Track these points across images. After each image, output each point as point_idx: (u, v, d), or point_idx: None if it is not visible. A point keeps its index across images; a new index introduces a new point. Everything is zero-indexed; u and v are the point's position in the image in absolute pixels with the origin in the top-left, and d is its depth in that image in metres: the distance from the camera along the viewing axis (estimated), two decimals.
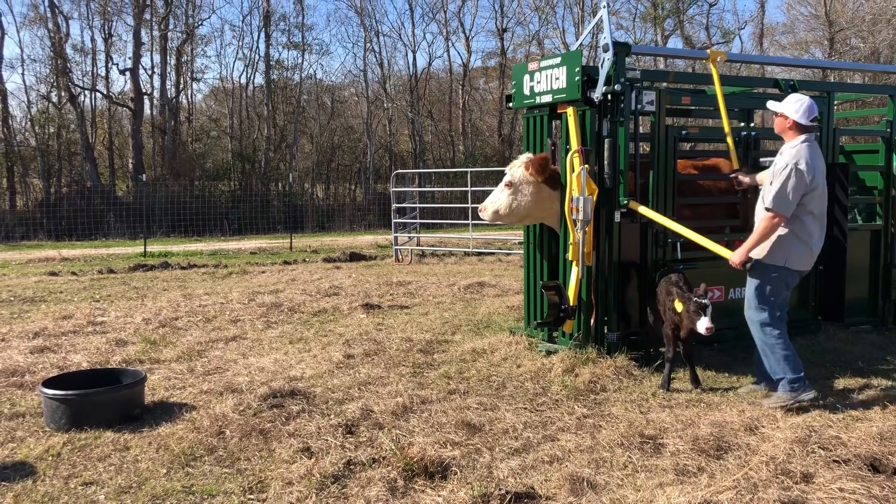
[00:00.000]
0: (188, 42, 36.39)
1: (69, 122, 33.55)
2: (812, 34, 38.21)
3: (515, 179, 7.07)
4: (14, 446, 4.90)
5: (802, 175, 5.33)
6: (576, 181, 6.54)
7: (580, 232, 6.54)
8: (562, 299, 6.77)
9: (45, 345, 7.75)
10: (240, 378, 6.41)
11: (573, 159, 6.61)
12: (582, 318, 6.86)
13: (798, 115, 5.50)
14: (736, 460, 4.43)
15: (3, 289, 12.07)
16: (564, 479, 4.14)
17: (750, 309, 5.72)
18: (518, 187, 7.08)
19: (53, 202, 28.88)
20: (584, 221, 6.49)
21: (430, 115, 42.04)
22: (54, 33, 32.56)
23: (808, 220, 5.50)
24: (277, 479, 4.26)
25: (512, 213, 7.21)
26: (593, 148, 6.71)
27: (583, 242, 6.55)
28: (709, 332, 5.53)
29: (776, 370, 5.56)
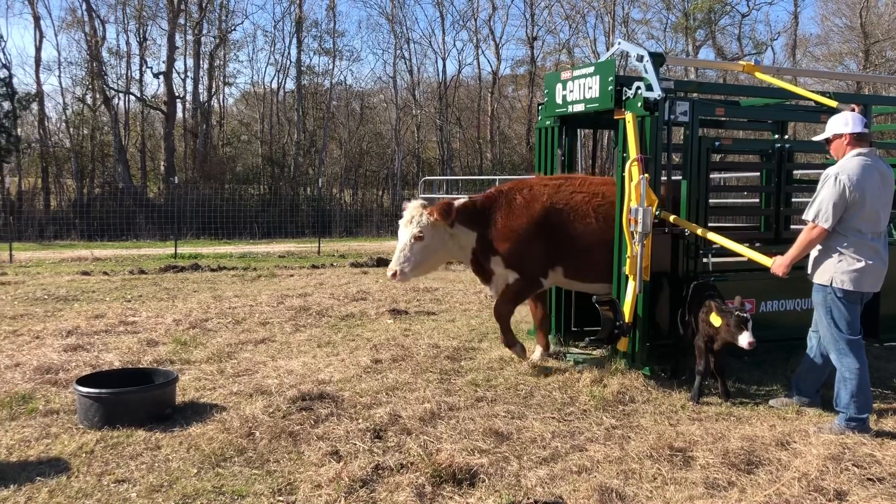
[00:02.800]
0: (221, 47, 36.82)
1: (103, 125, 34.08)
2: (847, 46, 37.77)
3: (425, 230, 6.64)
4: (49, 442, 4.98)
5: (844, 187, 5.13)
6: (634, 191, 6.27)
7: (638, 245, 6.28)
8: (616, 315, 6.55)
9: (78, 343, 7.86)
10: (269, 380, 6.47)
11: (631, 168, 6.37)
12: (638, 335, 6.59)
13: (849, 127, 5.32)
14: (767, 475, 4.38)
15: (37, 287, 12.27)
16: (593, 489, 4.13)
17: (825, 333, 5.46)
18: (430, 237, 6.68)
19: (86, 203, 29.29)
20: (642, 234, 6.23)
21: (458, 123, 42.12)
22: (91, 37, 33.10)
23: (854, 238, 5.22)
24: (306, 481, 4.29)
25: (430, 264, 7.01)
26: (653, 156, 6.53)
27: (641, 256, 6.30)
28: (751, 347, 5.47)
29: (842, 402, 5.30)
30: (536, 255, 6.73)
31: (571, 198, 6.79)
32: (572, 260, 6.80)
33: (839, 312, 5.29)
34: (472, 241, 6.85)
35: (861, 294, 5.30)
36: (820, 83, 27.71)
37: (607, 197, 6.79)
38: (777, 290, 6.89)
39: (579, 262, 6.81)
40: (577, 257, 6.78)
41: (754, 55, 38.55)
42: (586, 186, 6.90)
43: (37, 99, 32.80)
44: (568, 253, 6.76)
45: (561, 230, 6.70)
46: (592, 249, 6.72)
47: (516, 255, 6.72)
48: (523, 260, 6.75)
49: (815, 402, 5.83)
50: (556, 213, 6.72)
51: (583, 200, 6.78)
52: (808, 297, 5.68)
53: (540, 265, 6.81)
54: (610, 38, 38.67)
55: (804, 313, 6.39)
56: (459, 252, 6.97)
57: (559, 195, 6.79)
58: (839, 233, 5.25)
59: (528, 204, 6.74)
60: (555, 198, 6.77)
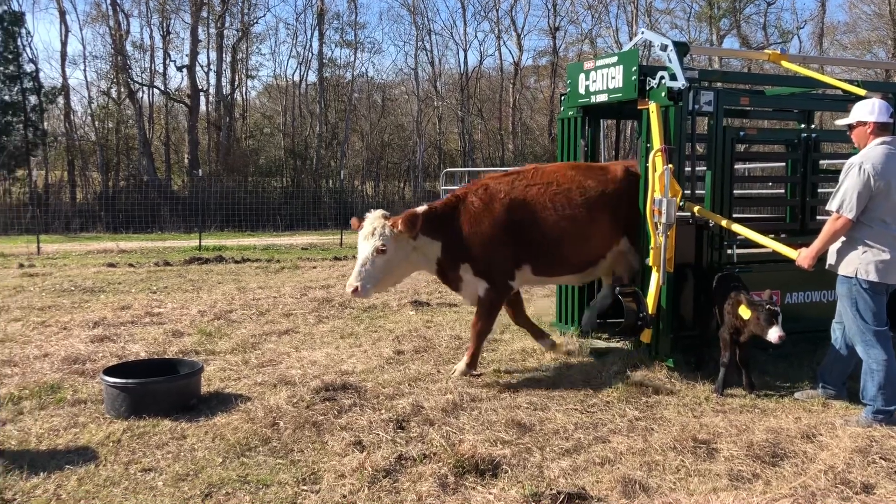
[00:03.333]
0: (243, 40, 36.96)
1: (127, 118, 34.37)
2: (875, 33, 37.12)
3: (388, 243, 6.17)
4: (77, 432, 5.05)
5: (868, 176, 5.06)
6: (658, 182, 6.22)
7: (662, 236, 6.23)
8: (640, 307, 6.49)
9: (104, 334, 7.96)
10: (293, 371, 6.51)
11: (655, 158, 6.32)
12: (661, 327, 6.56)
13: (874, 115, 5.25)
14: (792, 468, 4.35)
15: (64, 279, 12.44)
16: (616, 480, 4.12)
17: (850, 325, 5.41)
18: (393, 250, 6.21)
19: (111, 195, 29.58)
20: (666, 225, 6.19)
21: (480, 114, 42.03)
22: (115, 31, 33.36)
23: (878, 228, 5.15)
24: (330, 471, 4.32)
25: (393, 278, 6.59)
26: (677, 146, 6.48)
27: (664, 247, 6.25)
28: (781, 341, 5.43)
29: (869, 394, 5.26)
30: (504, 258, 6.47)
31: (527, 191, 6.54)
32: (537, 255, 6.56)
33: (865, 304, 5.23)
34: (437, 251, 6.46)
35: (886, 285, 5.23)
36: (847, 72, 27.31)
37: (562, 185, 6.60)
38: (802, 282, 6.83)
39: (545, 256, 6.59)
40: (541, 251, 6.55)
41: (780, 44, 38.04)
42: (539, 177, 6.68)
43: (62, 93, 33.18)
44: (532, 248, 6.52)
45: (523, 226, 6.47)
46: (555, 241, 6.53)
47: (484, 261, 6.42)
48: (492, 264, 6.45)
49: (841, 394, 5.77)
50: (516, 209, 6.45)
51: (539, 192, 6.54)
52: (833, 289, 5.62)
53: (508, 268, 6.53)
54: (633, 27, 38.35)
55: (830, 305, 6.32)
56: (424, 263, 6.55)
57: (515, 191, 6.53)
58: (863, 223, 5.18)
59: (487, 205, 6.44)
60: (512, 194, 6.49)
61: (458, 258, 6.45)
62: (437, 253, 6.46)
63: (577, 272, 6.86)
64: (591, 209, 6.57)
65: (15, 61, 31.24)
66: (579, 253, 6.68)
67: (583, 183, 6.64)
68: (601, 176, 6.78)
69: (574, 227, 6.52)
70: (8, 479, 4.23)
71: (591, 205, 6.58)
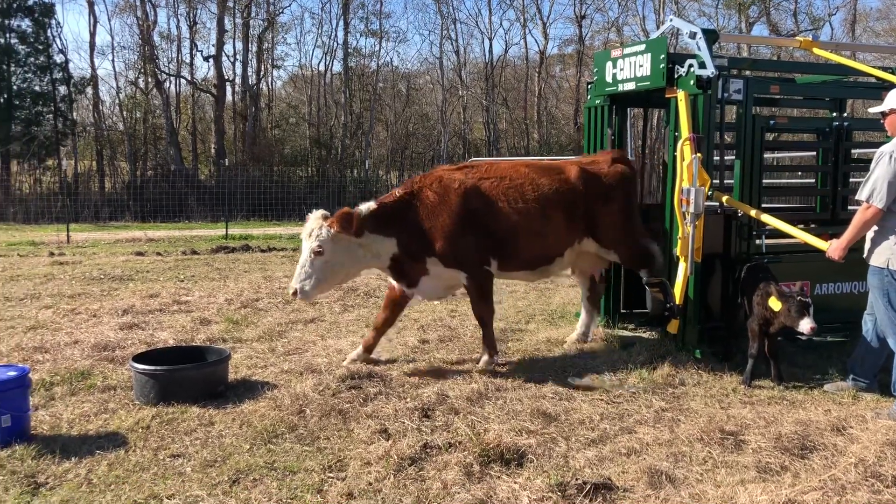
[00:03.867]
0: (269, 29, 37.09)
1: (155, 108, 34.69)
2: None
3: (325, 245, 6.01)
4: (107, 417, 5.13)
5: None
6: (686, 171, 6.16)
7: (690, 226, 6.19)
8: (667, 297, 6.48)
9: (133, 322, 8.06)
10: (319, 359, 6.56)
11: (683, 147, 6.26)
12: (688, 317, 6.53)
13: None
14: (822, 461, 4.30)
15: (93, 267, 12.60)
16: (642, 471, 4.11)
17: (882, 317, 5.33)
18: (332, 251, 6.06)
19: (139, 185, 29.90)
20: (694, 214, 6.14)
21: (504, 103, 41.84)
22: (142, 21, 33.64)
23: None
24: (356, 458, 4.35)
25: (337, 279, 6.42)
26: (705, 135, 6.42)
27: (693, 237, 6.20)
28: (812, 332, 5.38)
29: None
30: (472, 245, 6.31)
31: (481, 184, 6.42)
32: (494, 246, 6.43)
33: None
34: (391, 248, 6.28)
35: None
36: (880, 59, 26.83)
37: (515, 180, 6.48)
38: (832, 273, 6.74)
39: (499, 248, 6.45)
40: (496, 243, 6.42)
41: (811, 31, 37.42)
42: (493, 171, 6.58)
43: (91, 83, 33.55)
44: (489, 239, 6.38)
45: (478, 217, 6.32)
46: (506, 234, 6.39)
47: (453, 252, 6.26)
48: (464, 253, 6.30)
49: (872, 386, 5.69)
50: (471, 200, 6.31)
51: (492, 186, 6.43)
52: (864, 280, 5.54)
53: (479, 254, 6.38)
54: (660, 15, 37.91)
55: (860, 296, 6.24)
56: (374, 260, 6.37)
57: (469, 182, 6.39)
58: (893, 211, 5.10)
59: (443, 197, 6.28)
60: (466, 185, 6.35)
61: (421, 252, 6.28)
62: (393, 249, 6.28)
63: (529, 269, 6.71)
64: (542, 206, 6.44)
65: (45, 52, 31.64)
66: (531, 249, 6.52)
67: (536, 180, 6.51)
68: (555, 175, 6.64)
69: (525, 222, 6.38)
70: (41, 462, 4.30)
71: (543, 202, 6.44)
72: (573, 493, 3.82)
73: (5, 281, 11.05)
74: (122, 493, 3.94)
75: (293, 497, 3.88)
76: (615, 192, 6.74)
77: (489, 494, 3.84)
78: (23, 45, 31.40)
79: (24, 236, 18.54)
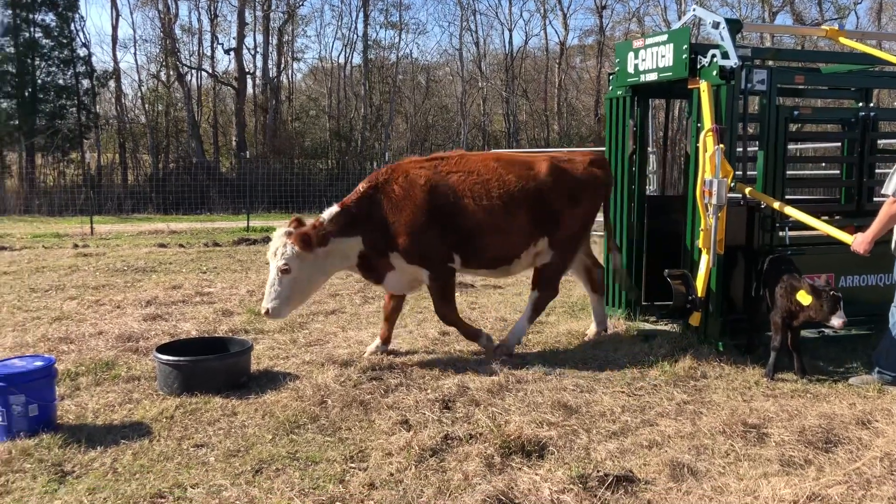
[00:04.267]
0: (289, 22, 37.20)
1: (176, 101, 34.94)
2: None
3: (290, 262, 5.93)
4: (131, 407, 5.18)
5: None
6: (709, 162, 6.11)
7: (713, 217, 6.14)
8: (689, 289, 6.44)
9: (156, 313, 8.14)
10: (340, 350, 6.59)
11: (706, 139, 6.19)
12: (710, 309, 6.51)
13: None
14: (846, 454, 4.26)
15: (117, 259, 12.73)
16: (664, 464, 4.09)
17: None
18: (298, 267, 5.98)
19: (161, 177, 30.15)
20: (717, 206, 6.08)
21: (525, 95, 41.72)
22: (164, 14, 33.87)
23: None
24: (377, 449, 4.37)
25: (308, 292, 6.34)
26: (728, 126, 6.36)
27: (715, 229, 6.15)
28: (843, 326, 5.34)
29: None
30: (436, 242, 6.20)
31: (448, 178, 6.27)
32: (458, 242, 6.29)
33: None
34: (357, 246, 6.21)
35: None
36: None
37: (482, 175, 6.30)
38: (857, 265, 6.65)
39: (463, 245, 6.31)
40: (460, 239, 6.28)
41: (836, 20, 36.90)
42: (462, 165, 6.39)
43: (114, 76, 33.86)
44: (454, 235, 6.25)
45: (444, 212, 6.18)
46: (471, 231, 6.25)
47: (416, 248, 6.16)
48: (427, 249, 6.19)
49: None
50: (437, 195, 6.18)
51: (459, 180, 6.27)
52: (890, 272, 5.48)
53: (443, 251, 6.27)
54: (682, 5, 37.55)
55: (886, 288, 6.17)
56: (344, 263, 6.33)
57: (436, 176, 6.26)
58: None
59: (408, 192, 6.16)
60: (433, 180, 6.22)
61: (385, 247, 6.21)
62: (359, 247, 6.21)
63: (490, 268, 6.60)
64: (507, 204, 6.28)
65: (69, 46, 31.95)
66: (494, 247, 6.39)
67: (503, 176, 6.34)
68: (524, 171, 6.45)
69: (490, 220, 6.23)
70: (67, 451, 4.36)
71: (508, 200, 6.28)
72: (595, 485, 3.81)
73: (31, 272, 11.20)
74: (146, 482, 3.98)
75: (315, 487, 3.91)
76: (584, 195, 6.58)
77: (510, 486, 3.84)
78: (47, 39, 31.73)
79: (48, 228, 18.77)
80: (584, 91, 42.52)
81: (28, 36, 31.08)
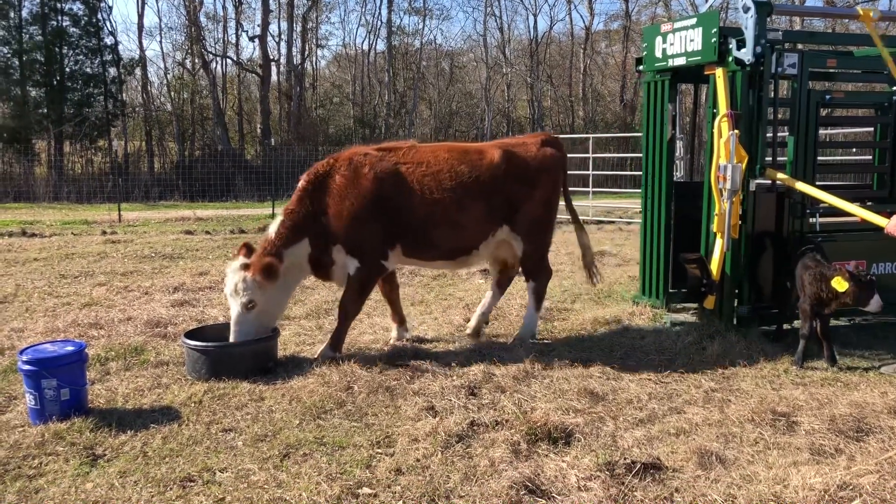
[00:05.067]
0: (313, 9, 37.25)
1: (202, 88, 35.16)
2: None
3: (255, 297, 5.74)
4: (160, 392, 5.24)
5: None
6: (724, 147, 6.13)
7: (727, 202, 6.16)
8: (704, 273, 6.44)
9: (184, 299, 8.23)
10: (366, 336, 6.61)
11: (721, 124, 6.21)
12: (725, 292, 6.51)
13: None
14: (878, 443, 4.20)
15: (145, 245, 12.86)
16: (692, 452, 4.06)
17: None
18: (263, 298, 5.79)
19: (188, 164, 30.38)
20: (731, 191, 6.12)
21: (549, 80, 41.46)
22: (189, 2, 34.03)
23: None
24: (404, 434, 4.38)
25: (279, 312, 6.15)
26: (744, 112, 6.35)
27: (729, 213, 6.18)
28: (880, 309, 5.32)
29: None
30: (375, 236, 6.03)
31: (396, 169, 6.10)
32: (406, 235, 6.13)
33: None
34: (305, 249, 6.04)
35: None
36: None
37: (432, 167, 6.13)
38: (889, 251, 6.55)
39: (413, 238, 6.15)
40: (409, 232, 6.11)
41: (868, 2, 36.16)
42: (412, 156, 6.21)
43: (140, 64, 34.15)
44: (401, 228, 6.08)
45: (389, 204, 6.02)
46: (422, 224, 6.09)
47: (355, 238, 5.98)
48: (364, 242, 6.01)
49: None
50: (383, 185, 6.01)
51: (407, 171, 6.11)
52: None
53: (380, 246, 6.10)
54: None
55: None
56: (300, 272, 6.17)
57: (382, 166, 6.07)
58: None
59: (351, 181, 5.99)
60: (377, 169, 6.04)
61: (328, 241, 6.02)
62: (307, 249, 6.04)
63: (448, 259, 6.41)
64: (460, 195, 6.11)
65: (96, 35, 32.23)
66: (449, 239, 6.22)
67: (455, 167, 6.16)
68: (477, 161, 6.26)
69: (442, 212, 6.08)
70: (98, 435, 4.42)
71: (460, 190, 6.11)
72: (622, 472, 3.80)
73: (61, 259, 11.35)
74: (176, 466, 4.03)
75: (342, 472, 3.93)
76: (541, 177, 6.42)
77: (537, 472, 3.83)
78: (75, 28, 32.03)
79: (77, 215, 19.01)
80: (609, 76, 42.19)
81: (56, 24, 31.40)
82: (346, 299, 6.14)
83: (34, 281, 9.47)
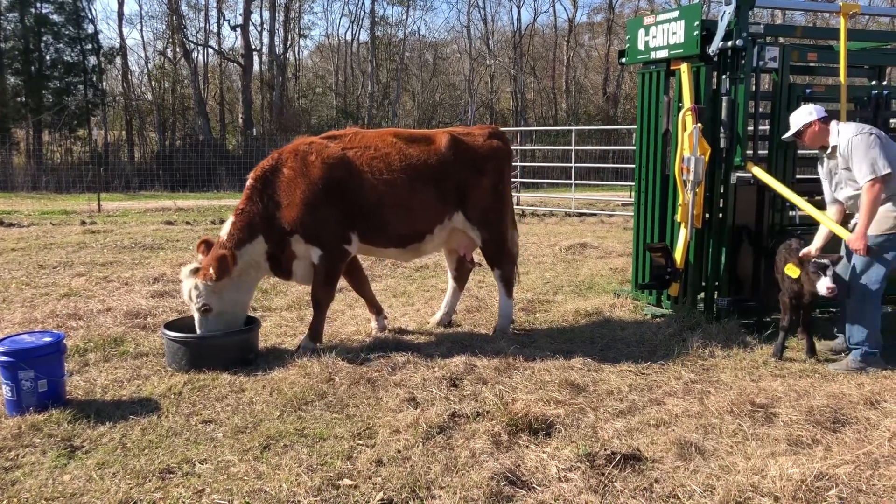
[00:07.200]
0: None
1: (183, 78, 34.86)
2: None
3: (209, 300, 5.70)
4: (139, 383, 5.21)
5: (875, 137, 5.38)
6: (687, 140, 6.35)
7: (690, 193, 6.39)
8: (668, 261, 6.59)
9: (164, 289, 8.16)
10: (347, 328, 6.60)
11: (685, 118, 6.41)
12: (688, 282, 6.72)
13: (814, 115, 5.68)
14: (855, 434, 4.25)
15: (124, 236, 12.75)
16: (671, 443, 4.09)
17: (855, 277, 5.56)
18: (218, 300, 5.74)
19: (168, 154, 30.17)
20: (694, 182, 6.35)
21: (532, 72, 41.48)
22: None
23: None
24: (385, 426, 4.38)
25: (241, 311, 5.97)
26: (707, 106, 6.48)
27: (692, 204, 6.38)
28: (830, 293, 5.32)
29: (856, 338, 5.54)
30: (333, 220, 5.96)
31: (344, 153, 6.04)
32: (359, 220, 6.06)
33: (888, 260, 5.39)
34: (261, 247, 5.95)
35: None
36: None
37: (380, 150, 6.11)
38: None
39: (366, 223, 6.09)
40: (362, 217, 6.05)
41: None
42: (358, 141, 6.18)
43: (120, 53, 33.79)
44: (353, 213, 6.02)
45: (340, 189, 5.96)
46: (373, 208, 6.05)
47: (313, 226, 5.90)
48: (323, 228, 5.94)
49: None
50: (332, 170, 5.94)
51: (355, 155, 6.05)
52: None
53: (340, 231, 6.02)
54: None
55: None
56: (259, 272, 6.10)
57: (328, 152, 6.01)
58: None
59: (300, 170, 5.92)
60: (324, 155, 5.97)
61: (284, 234, 5.94)
62: (263, 247, 5.96)
63: (399, 246, 6.34)
64: (409, 178, 6.09)
65: (76, 22, 31.86)
66: (399, 225, 6.17)
67: (404, 150, 6.16)
68: (424, 145, 6.27)
69: (393, 194, 6.04)
70: (76, 426, 4.39)
71: (410, 174, 6.09)
72: (602, 463, 3.82)
73: (39, 249, 11.22)
74: (155, 458, 4.00)
75: (323, 463, 3.92)
76: (488, 166, 6.40)
77: (517, 463, 3.85)
78: (55, 16, 31.64)
79: (56, 205, 18.81)
80: (592, 69, 42.25)
81: (36, 12, 30.99)
82: (316, 289, 6.11)
83: (12, 271, 9.36)
